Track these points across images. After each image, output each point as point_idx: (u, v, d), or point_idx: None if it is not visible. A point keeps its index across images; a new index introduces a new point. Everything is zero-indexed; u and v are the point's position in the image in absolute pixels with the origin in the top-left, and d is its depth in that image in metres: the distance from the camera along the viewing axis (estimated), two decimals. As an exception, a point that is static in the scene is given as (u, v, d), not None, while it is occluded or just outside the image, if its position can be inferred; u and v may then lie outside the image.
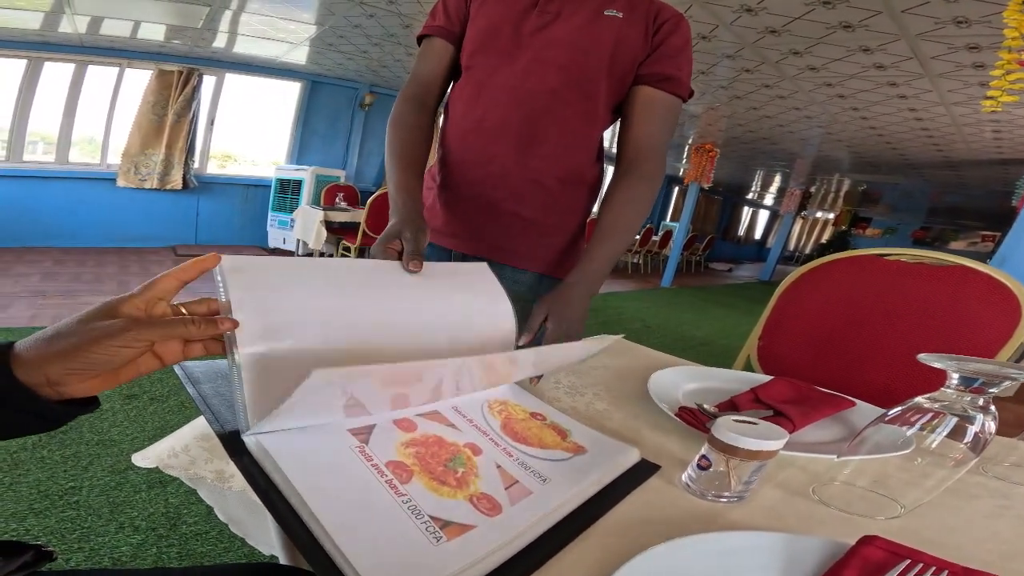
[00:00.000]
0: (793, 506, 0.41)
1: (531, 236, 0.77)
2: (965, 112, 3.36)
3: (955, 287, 0.80)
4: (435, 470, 0.38)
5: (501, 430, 0.46)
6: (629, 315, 4.49)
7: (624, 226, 0.69)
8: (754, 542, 0.33)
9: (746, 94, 3.82)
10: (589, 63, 0.70)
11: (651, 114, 0.72)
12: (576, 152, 0.74)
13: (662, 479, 0.43)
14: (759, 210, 15.23)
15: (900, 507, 0.39)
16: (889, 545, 0.31)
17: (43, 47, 3.75)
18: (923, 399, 0.39)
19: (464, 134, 0.75)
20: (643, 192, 0.70)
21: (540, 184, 0.74)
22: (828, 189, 9.16)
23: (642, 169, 0.71)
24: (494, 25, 0.71)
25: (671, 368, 0.68)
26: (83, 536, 1.10)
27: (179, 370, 0.50)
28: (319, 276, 0.46)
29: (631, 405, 0.59)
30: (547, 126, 0.71)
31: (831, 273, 0.94)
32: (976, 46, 2.36)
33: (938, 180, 6.25)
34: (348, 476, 0.36)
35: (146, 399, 1.79)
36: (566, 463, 0.42)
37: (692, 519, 0.38)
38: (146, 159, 4.36)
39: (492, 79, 0.72)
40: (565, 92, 0.70)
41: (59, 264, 3.65)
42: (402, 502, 0.34)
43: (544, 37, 0.69)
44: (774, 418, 0.52)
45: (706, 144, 6.03)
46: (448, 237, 0.79)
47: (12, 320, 2.43)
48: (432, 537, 0.31)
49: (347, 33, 3.57)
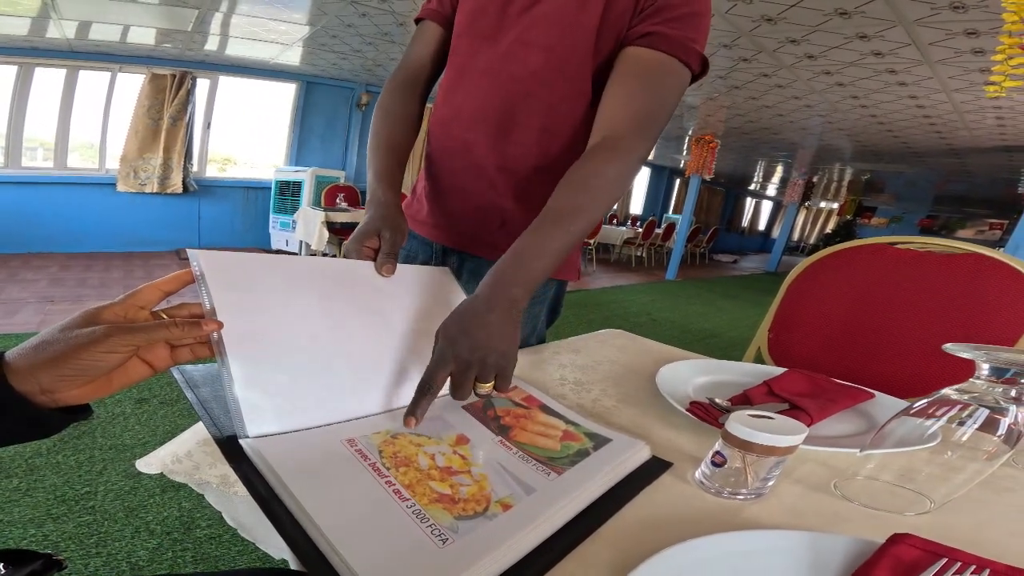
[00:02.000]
0: (814, 502, 0.39)
1: (513, 229, 0.70)
2: (967, 99, 3.31)
3: (970, 275, 0.78)
4: (427, 487, 0.35)
5: (507, 427, 0.45)
6: (634, 309, 4.47)
7: (571, 209, 0.53)
8: (776, 542, 0.31)
9: (744, 84, 3.78)
10: (574, 39, 0.62)
11: (626, 75, 0.60)
12: (557, 139, 0.67)
13: (674, 476, 0.42)
14: (762, 201, 15.15)
15: (930, 502, 0.37)
16: (923, 543, 0.29)
17: (32, 52, 3.74)
18: (951, 390, 0.37)
19: (445, 123, 0.73)
20: (605, 169, 0.55)
21: (516, 174, 0.69)
22: (831, 178, 9.09)
23: (610, 140, 0.57)
24: (481, 6, 0.67)
25: (680, 362, 0.66)
26: (100, 541, 1.10)
27: (177, 374, 0.49)
28: (296, 275, 0.46)
29: (639, 400, 0.58)
30: (527, 112, 0.66)
31: (841, 263, 0.92)
32: (974, 32, 2.32)
33: (943, 168, 6.18)
34: (349, 480, 0.35)
35: (156, 403, 1.80)
36: (574, 461, 0.40)
37: (708, 517, 0.36)
38: (144, 163, 4.36)
39: (473, 64, 0.68)
40: (547, 74, 0.64)
41: (65, 269, 3.66)
42: (406, 507, 0.32)
43: (529, 16, 0.64)
44: (790, 412, 0.50)
45: (706, 135, 5.99)
46: (431, 228, 0.77)
47: (22, 326, 2.43)
48: (438, 540, 0.30)
49: (340, 33, 3.54)
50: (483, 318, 0.45)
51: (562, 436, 0.44)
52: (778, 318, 0.96)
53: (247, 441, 0.37)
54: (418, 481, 0.35)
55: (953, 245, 0.83)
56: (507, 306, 0.46)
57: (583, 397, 0.58)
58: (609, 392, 0.60)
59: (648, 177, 10.15)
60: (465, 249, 0.75)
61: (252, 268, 0.43)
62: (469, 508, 0.33)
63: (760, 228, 15.64)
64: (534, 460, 0.40)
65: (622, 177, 0.57)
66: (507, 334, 0.45)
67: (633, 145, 0.57)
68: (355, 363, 0.46)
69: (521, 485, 0.37)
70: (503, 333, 0.45)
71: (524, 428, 0.45)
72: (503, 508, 0.34)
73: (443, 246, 0.77)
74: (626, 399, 0.58)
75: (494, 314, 0.45)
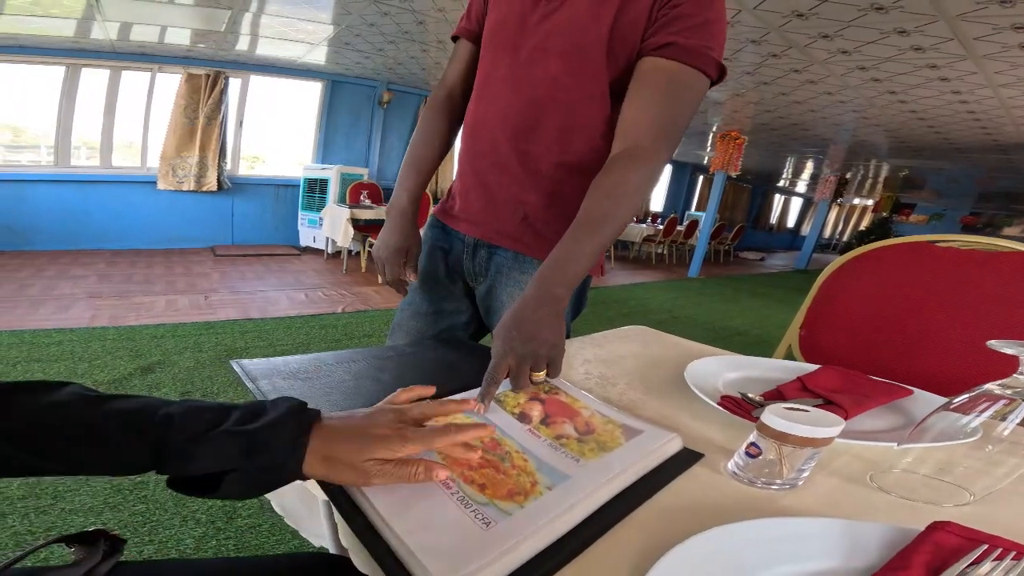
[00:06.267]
0: (850, 493, 0.39)
1: (535, 223, 0.76)
2: (1014, 94, 3.13)
3: (1014, 273, 0.75)
4: (471, 476, 0.37)
5: (537, 418, 0.46)
6: (654, 306, 4.42)
7: (601, 216, 0.59)
8: (812, 528, 0.32)
9: (774, 79, 3.67)
10: (588, 43, 0.65)
11: (645, 84, 0.63)
12: (577, 139, 0.71)
13: (706, 467, 0.42)
14: (791, 198, 14.68)
15: (969, 495, 0.37)
16: (964, 531, 0.29)
17: (79, 54, 3.94)
18: (993, 385, 0.36)
19: (473, 125, 0.78)
20: (630, 177, 0.60)
21: (538, 171, 0.73)
22: (866, 175, 8.73)
23: (632, 149, 0.62)
24: (503, 18, 0.73)
25: (709, 357, 0.66)
26: (152, 529, 1.17)
27: (237, 367, 0.52)
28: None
29: (666, 394, 0.58)
30: (547, 113, 0.70)
31: (879, 261, 0.90)
32: (1022, 26, 2.20)
33: (987, 164, 5.86)
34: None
35: (198, 396, 1.88)
36: (605, 450, 0.42)
37: (742, 507, 0.37)
38: (182, 161, 4.54)
39: (497, 71, 0.73)
40: (565, 78, 0.68)
41: (111, 266, 3.84)
42: (451, 494, 0.35)
43: (547, 26, 0.68)
44: (824, 407, 0.50)
45: (732, 131, 5.84)
46: (463, 223, 0.82)
47: (74, 320, 2.57)
48: (481, 523, 0.32)
49: (363, 32, 3.61)
50: (533, 316, 0.52)
51: (592, 427, 0.46)
52: (810, 315, 0.95)
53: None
54: (461, 472, 0.37)
55: (997, 244, 0.80)
56: (552, 304, 0.54)
57: (609, 391, 0.59)
58: (635, 386, 0.61)
59: (670, 174, 9.96)
60: (491, 241, 0.80)
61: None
62: (509, 494, 0.35)
63: (789, 225, 15.16)
64: (564, 450, 0.42)
65: (644, 184, 0.62)
66: (555, 328, 0.53)
67: (654, 153, 0.62)
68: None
69: (555, 473, 0.38)
70: (552, 327, 0.52)
71: (555, 420, 0.47)
72: (539, 494, 0.35)
73: (474, 239, 0.81)
74: (651, 392, 0.59)
75: (542, 311, 0.53)
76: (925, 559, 0.28)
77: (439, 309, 0.86)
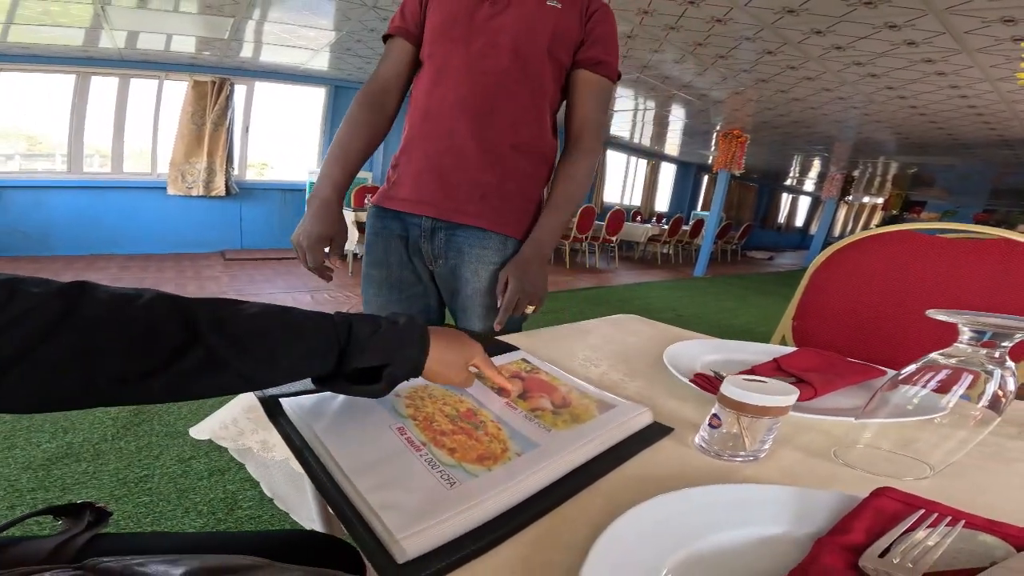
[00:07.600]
0: (813, 467, 0.40)
1: (493, 200, 0.84)
2: (1013, 88, 3.10)
3: (1000, 260, 0.76)
4: (443, 441, 0.39)
5: (516, 392, 0.48)
6: (658, 305, 4.40)
7: (567, 198, 0.83)
8: (763, 495, 0.33)
9: (772, 76, 3.67)
10: (533, 46, 0.79)
11: (588, 94, 0.84)
12: (527, 124, 0.82)
13: (676, 441, 0.44)
14: (800, 197, 14.55)
15: (928, 468, 0.38)
16: (903, 496, 0.31)
17: (88, 62, 4.03)
18: (937, 355, 0.38)
19: (426, 112, 0.82)
20: (584, 166, 0.84)
21: (495, 152, 0.81)
22: (874, 173, 8.64)
23: (582, 144, 0.84)
24: (451, 16, 0.80)
25: (690, 340, 0.67)
26: (155, 520, 1.20)
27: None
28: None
29: (647, 375, 0.59)
30: (500, 101, 0.79)
31: (867, 250, 0.90)
32: (1011, 19, 2.19)
33: (997, 160, 5.79)
34: (371, 435, 0.39)
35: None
36: (578, 421, 0.43)
37: (705, 477, 0.38)
38: (190, 167, 4.62)
39: (450, 63, 0.80)
40: (514, 71, 0.79)
41: (125, 270, 3.91)
42: (419, 455, 0.36)
43: (495, 24, 0.78)
44: (796, 385, 0.51)
45: (734, 130, 5.81)
46: (414, 204, 0.86)
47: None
48: (446, 483, 0.33)
49: (364, 37, 3.67)
50: (530, 266, 0.80)
51: (568, 401, 0.47)
52: (802, 305, 0.95)
53: (286, 400, 0.42)
54: (433, 437, 0.39)
55: (981, 232, 0.80)
56: (543, 260, 0.82)
57: (590, 371, 0.60)
58: (617, 367, 0.62)
59: (674, 174, 9.93)
60: (450, 219, 0.84)
61: None
62: (479, 459, 0.37)
63: (797, 224, 15.03)
64: (538, 420, 0.43)
65: (591, 169, 0.86)
66: (545, 276, 0.82)
67: (595, 147, 0.86)
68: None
69: (526, 441, 0.40)
70: (543, 275, 0.81)
71: (533, 395, 0.48)
72: (507, 459, 0.37)
73: (432, 221, 0.85)
74: (634, 374, 0.60)
75: (536, 264, 0.80)
76: (866, 524, 0.29)
77: (410, 295, 0.90)
